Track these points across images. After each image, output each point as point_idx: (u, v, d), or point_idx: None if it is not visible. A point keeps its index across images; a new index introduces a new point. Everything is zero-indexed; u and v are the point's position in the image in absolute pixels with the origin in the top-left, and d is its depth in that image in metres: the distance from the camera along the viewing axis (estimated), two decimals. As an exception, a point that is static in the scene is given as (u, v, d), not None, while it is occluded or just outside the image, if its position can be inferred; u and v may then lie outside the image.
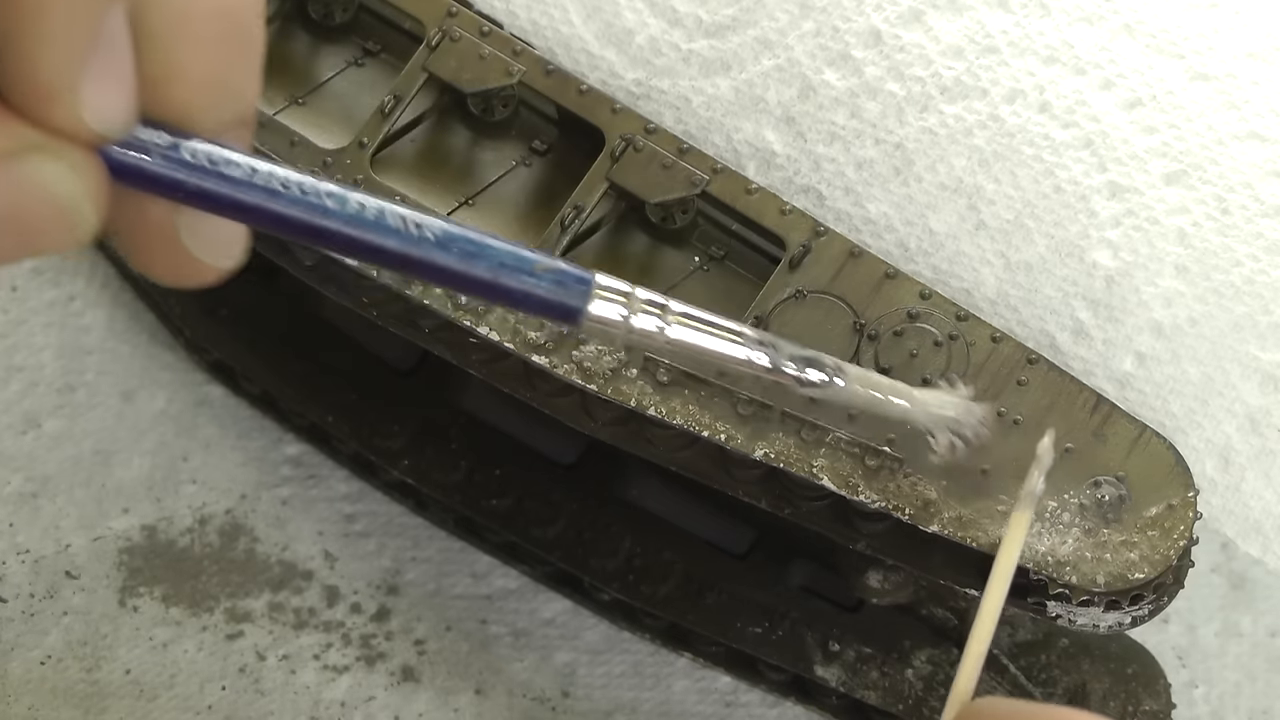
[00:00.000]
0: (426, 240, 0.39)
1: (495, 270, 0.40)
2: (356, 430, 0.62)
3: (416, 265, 0.39)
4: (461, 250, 0.39)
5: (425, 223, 0.39)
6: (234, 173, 0.38)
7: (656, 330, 0.42)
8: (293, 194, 0.38)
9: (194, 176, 0.38)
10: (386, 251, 0.39)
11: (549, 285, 0.40)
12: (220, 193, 0.38)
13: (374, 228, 0.39)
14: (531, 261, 0.40)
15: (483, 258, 0.39)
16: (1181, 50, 0.53)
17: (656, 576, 0.60)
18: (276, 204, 0.38)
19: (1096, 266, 0.52)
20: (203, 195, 0.38)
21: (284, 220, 0.38)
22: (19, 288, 0.66)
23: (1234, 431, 0.52)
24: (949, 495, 0.50)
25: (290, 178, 0.38)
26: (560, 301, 0.40)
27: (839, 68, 0.54)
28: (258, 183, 0.38)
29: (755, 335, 0.43)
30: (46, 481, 0.63)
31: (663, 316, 0.42)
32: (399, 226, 0.39)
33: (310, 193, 0.38)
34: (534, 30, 0.57)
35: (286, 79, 0.56)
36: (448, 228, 0.39)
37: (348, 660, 0.61)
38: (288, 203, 0.38)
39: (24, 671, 0.60)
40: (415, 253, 0.39)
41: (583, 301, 0.40)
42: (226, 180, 0.38)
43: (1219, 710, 0.61)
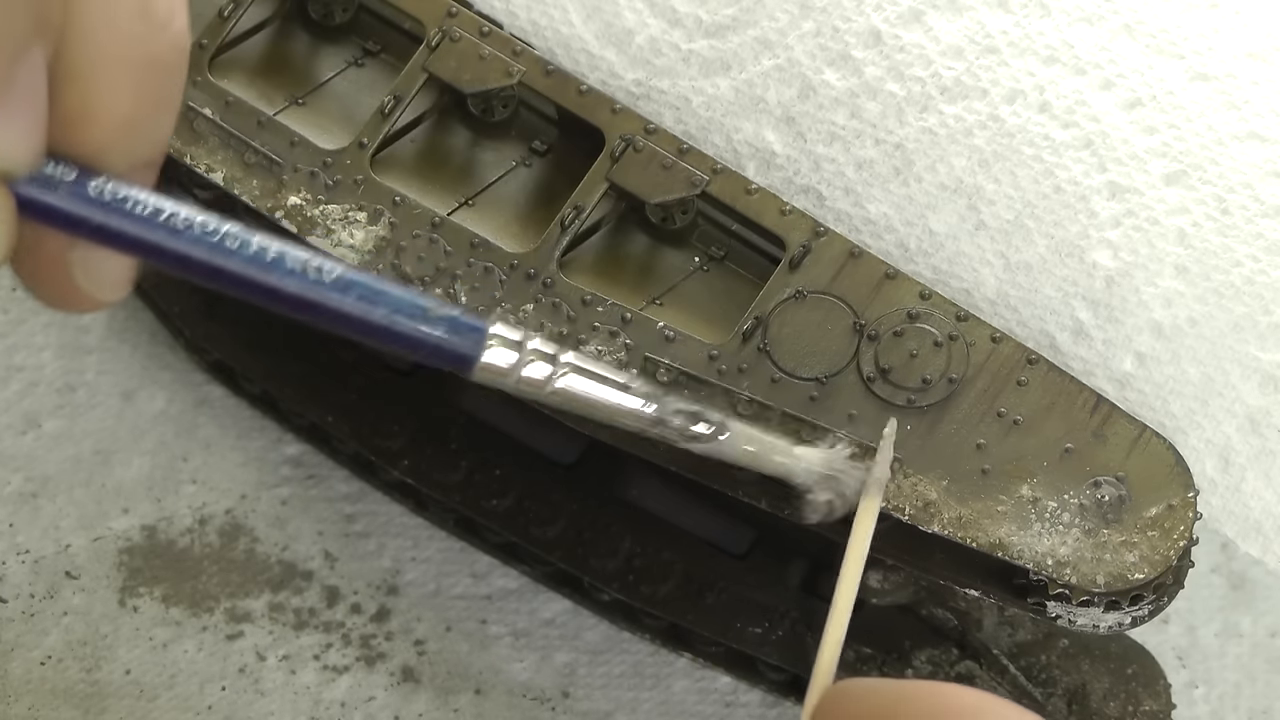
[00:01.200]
0: (324, 284, 0.40)
1: (391, 316, 0.40)
2: (356, 430, 0.62)
3: (314, 308, 0.40)
4: (359, 295, 0.40)
5: (325, 267, 0.40)
6: (139, 211, 0.38)
7: (544, 379, 0.43)
8: (194, 234, 0.39)
9: (98, 214, 0.38)
10: (285, 294, 0.40)
11: (443, 333, 0.41)
12: (123, 231, 0.39)
13: (273, 270, 0.39)
14: (425, 309, 0.41)
15: (380, 303, 0.40)
16: (1181, 50, 0.53)
17: (656, 576, 0.60)
18: (179, 243, 0.39)
19: (1096, 266, 0.52)
20: (105, 233, 0.39)
21: (186, 260, 0.39)
22: (19, 288, 0.66)
23: (1234, 431, 0.52)
24: (949, 495, 0.50)
25: (194, 218, 0.39)
26: (454, 350, 0.41)
27: (839, 68, 0.54)
28: (161, 222, 0.39)
29: (643, 388, 0.44)
30: (46, 481, 0.63)
31: (554, 365, 0.43)
32: (298, 269, 0.40)
33: (212, 233, 0.39)
34: (534, 30, 0.57)
35: (286, 79, 0.56)
36: (346, 273, 0.40)
37: (348, 660, 0.61)
38: (189, 242, 0.39)
39: (24, 671, 0.60)
40: (313, 296, 0.40)
41: (476, 350, 0.41)
42: (130, 219, 0.39)
43: (1219, 710, 0.61)
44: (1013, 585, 0.50)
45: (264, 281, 0.39)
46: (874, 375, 0.50)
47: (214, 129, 0.54)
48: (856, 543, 0.46)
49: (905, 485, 0.50)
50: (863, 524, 0.47)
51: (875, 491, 0.48)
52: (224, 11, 0.55)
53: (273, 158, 0.53)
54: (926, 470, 0.50)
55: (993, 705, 0.38)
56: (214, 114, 0.54)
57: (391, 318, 0.40)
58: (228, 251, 0.39)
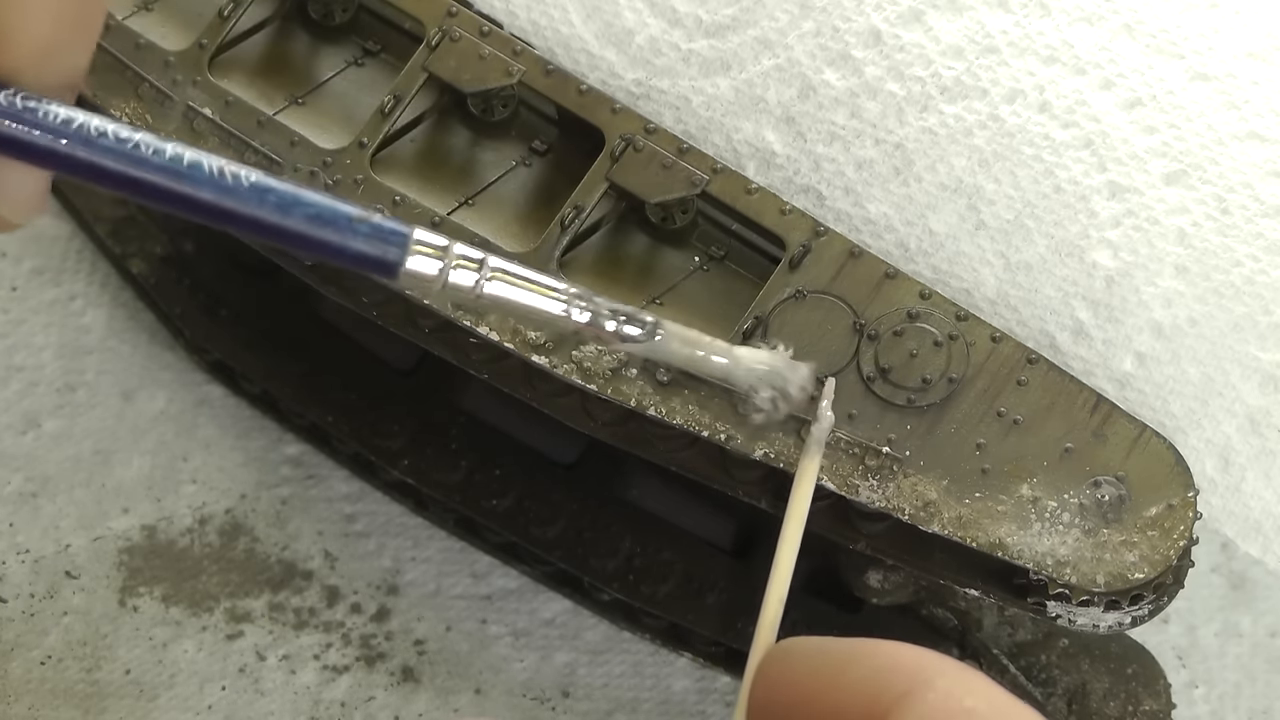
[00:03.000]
0: (241, 190, 0.39)
1: (310, 222, 0.40)
2: (356, 430, 0.62)
3: (232, 216, 0.39)
4: (277, 202, 0.39)
5: (241, 174, 0.39)
6: (50, 121, 0.38)
7: (472, 284, 0.42)
8: (108, 142, 0.38)
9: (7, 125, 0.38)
10: (201, 202, 0.39)
11: (365, 238, 0.40)
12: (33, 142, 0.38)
13: (189, 178, 0.39)
14: (347, 214, 0.40)
15: (298, 209, 0.40)
16: (1181, 50, 0.53)
17: (656, 576, 0.60)
18: (91, 153, 0.38)
19: (1096, 266, 0.52)
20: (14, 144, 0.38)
21: (99, 170, 0.39)
22: (19, 288, 0.66)
23: (1234, 431, 0.52)
24: (949, 495, 0.50)
25: (106, 127, 0.38)
26: (377, 256, 0.40)
27: (839, 68, 0.54)
28: (74, 132, 0.38)
29: (574, 291, 0.43)
30: (46, 481, 0.63)
31: (480, 272, 0.42)
32: (214, 176, 0.39)
33: (124, 141, 0.39)
34: (534, 30, 0.57)
35: (286, 79, 0.56)
36: (263, 179, 0.39)
37: (348, 660, 0.61)
38: (102, 151, 0.38)
39: (24, 671, 0.60)
40: (229, 203, 0.39)
41: (400, 256, 0.40)
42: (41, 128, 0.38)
43: (1219, 710, 0.61)
44: (1013, 585, 0.50)
45: (179, 190, 0.39)
46: (874, 375, 0.50)
47: (214, 129, 0.54)
48: (797, 501, 0.46)
49: (905, 485, 0.50)
50: (803, 482, 0.46)
51: (815, 450, 0.47)
52: (224, 11, 0.55)
53: (273, 158, 0.53)
54: (926, 470, 0.50)
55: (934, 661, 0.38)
56: (214, 114, 0.54)
57: (310, 224, 0.40)
58: (141, 160, 0.39)
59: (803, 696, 0.39)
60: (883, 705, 0.37)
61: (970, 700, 0.37)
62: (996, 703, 0.37)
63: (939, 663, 0.38)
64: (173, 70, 0.54)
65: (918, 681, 0.37)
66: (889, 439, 0.50)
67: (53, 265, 0.67)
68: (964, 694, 0.37)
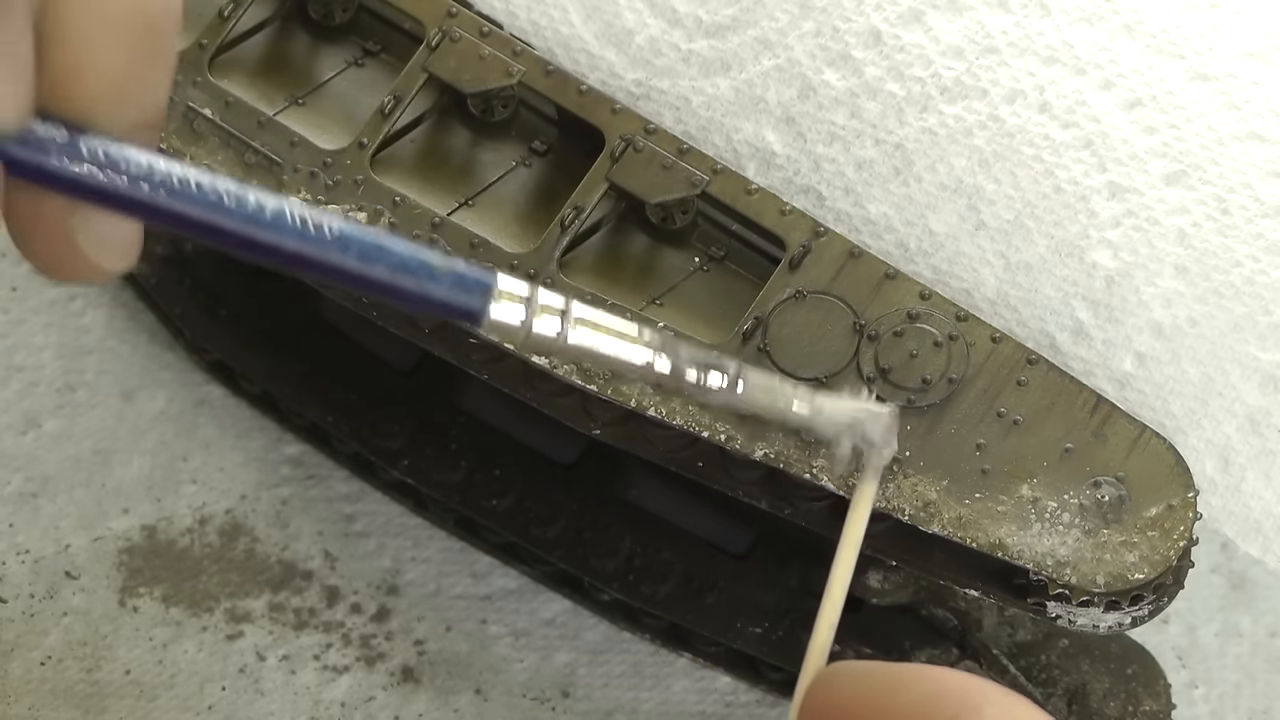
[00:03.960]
0: (325, 240, 0.39)
1: (394, 272, 0.40)
2: (356, 430, 0.62)
3: (315, 265, 0.39)
4: (360, 251, 0.39)
5: (324, 223, 0.39)
6: (132, 170, 0.38)
7: (556, 335, 0.41)
8: (191, 191, 0.38)
9: (90, 173, 0.38)
10: (285, 251, 0.39)
11: (448, 288, 0.40)
12: (117, 190, 0.38)
13: (272, 227, 0.39)
14: (430, 265, 0.40)
15: (382, 259, 0.39)
16: (1181, 50, 0.53)
17: (656, 576, 0.60)
18: (175, 202, 0.38)
19: (1096, 266, 0.52)
20: (98, 192, 0.38)
21: (183, 218, 0.38)
22: (19, 288, 0.66)
23: (1234, 431, 0.52)
24: (949, 495, 0.50)
25: (189, 175, 0.38)
26: (461, 305, 0.40)
27: (839, 68, 0.54)
28: (156, 180, 0.38)
29: (656, 339, 0.43)
30: (46, 481, 0.63)
31: (563, 320, 0.41)
32: (298, 226, 0.39)
33: (209, 190, 0.38)
34: (534, 30, 0.57)
35: (286, 79, 0.56)
36: (346, 228, 0.39)
37: (348, 660, 0.61)
38: (186, 200, 0.38)
39: (24, 672, 0.60)
40: (314, 253, 0.39)
41: (483, 304, 0.40)
42: (123, 177, 0.38)
43: (1219, 710, 0.61)
44: (1013, 585, 0.50)
45: (263, 239, 0.39)
46: (874, 375, 0.50)
47: (214, 129, 0.54)
48: (854, 523, 0.46)
49: (905, 485, 0.50)
50: (860, 505, 0.46)
51: (872, 476, 0.46)
52: (224, 11, 0.55)
53: (273, 158, 0.53)
54: (926, 470, 0.50)
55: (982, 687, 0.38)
56: (214, 114, 0.54)
57: (394, 274, 0.39)
58: (225, 209, 0.38)
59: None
60: None
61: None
62: None
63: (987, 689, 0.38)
64: (173, 70, 0.54)
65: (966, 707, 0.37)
66: (889, 439, 0.50)
67: (53, 265, 0.67)
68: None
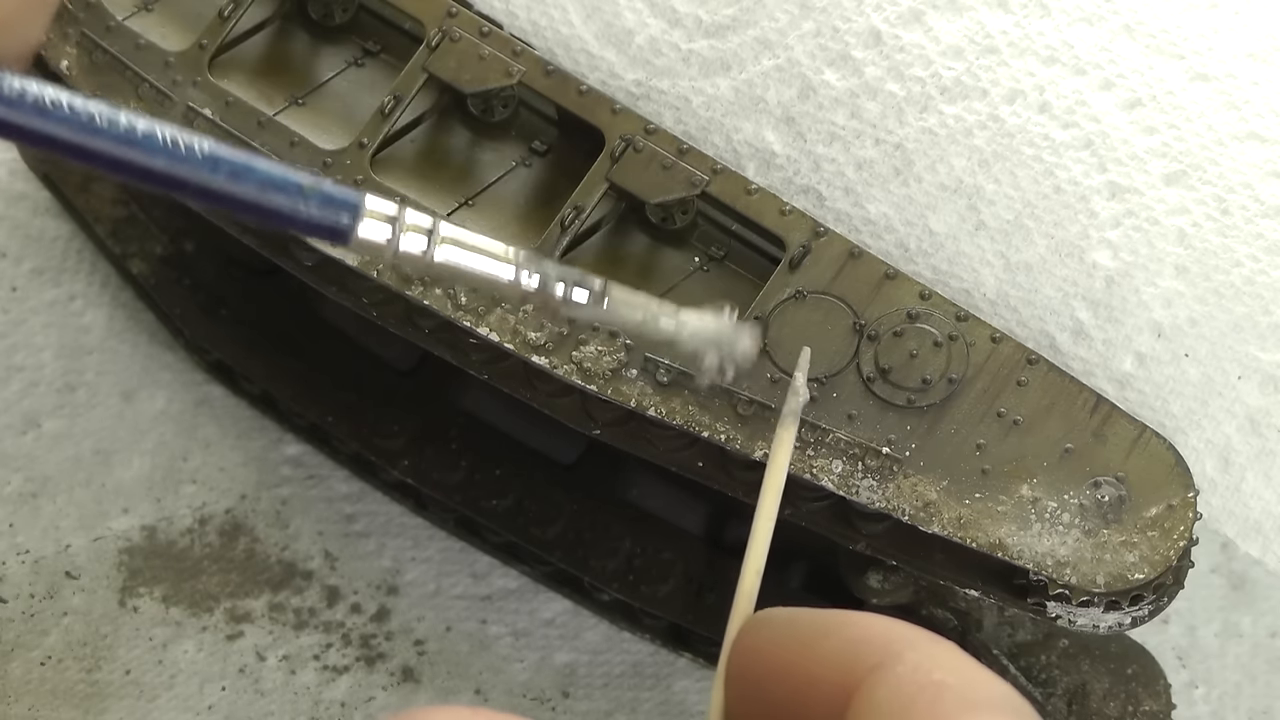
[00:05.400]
0: (195, 159, 0.40)
1: (263, 189, 0.40)
2: (356, 430, 0.62)
3: (185, 185, 0.40)
4: (230, 170, 0.40)
5: (194, 143, 0.40)
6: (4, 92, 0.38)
7: (422, 251, 0.42)
8: (62, 113, 0.39)
9: None
10: (155, 171, 0.40)
11: (317, 206, 0.41)
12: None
13: (143, 146, 0.39)
14: (298, 182, 0.40)
15: (250, 177, 0.40)
16: (1181, 50, 0.53)
17: (656, 576, 0.60)
18: (46, 123, 0.39)
19: (1096, 267, 0.52)
20: None
21: (54, 139, 0.39)
22: (19, 288, 0.66)
23: (1234, 431, 0.52)
24: (949, 495, 0.50)
25: (61, 97, 0.39)
26: (329, 222, 0.41)
27: (839, 68, 0.54)
28: (28, 101, 0.38)
29: (522, 257, 0.43)
30: (46, 481, 0.63)
31: (430, 239, 0.42)
32: (168, 145, 0.39)
33: (80, 112, 0.39)
34: (534, 30, 0.57)
35: (286, 79, 0.56)
36: (216, 148, 0.40)
37: (348, 660, 0.61)
38: (57, 121, 0.39)
39: (24, 672, 0.60)
40: (183, 171, 0.40)
41: (351, 223, 0.41)
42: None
43: (1219, 710, 0.61)
44: (1013, 585, 0.50)
45: (133, 159, 0.39)
46: (874, 375, 0.50)
47: (214, 129, 0.54)
48: (773, 473, 0.46)
49: (905, 485, 0.50)
50: (778, 453, 0.46)
51: (789, 423, 0.47)
52: (224, 11, 0.55)
53: (273, 158, 0.53)
54: (926, 471, 0.50)
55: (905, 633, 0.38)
56: (214, 114, 0.54)
57: (263, 193, 0.40)
58: (96, 129, 0.39)
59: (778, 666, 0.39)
60: (855, 676, 0.37)
61: (939, 674, 0.37)
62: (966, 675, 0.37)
63: (910, 634, 0.38)
64: (173, 70, 0.54)
65: (888, 654, 0.37)
66: (889, 439, 0.50)
67: (53, 265, 0.67)
68: (933, 667, 0.37)
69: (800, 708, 0.38)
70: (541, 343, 0.51)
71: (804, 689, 0.38)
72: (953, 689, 0.36)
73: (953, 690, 0.36)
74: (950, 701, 0.36)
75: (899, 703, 0.36)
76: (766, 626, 0.41)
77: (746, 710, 0.40)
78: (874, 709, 0.37)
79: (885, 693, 0.37)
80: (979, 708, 0.36)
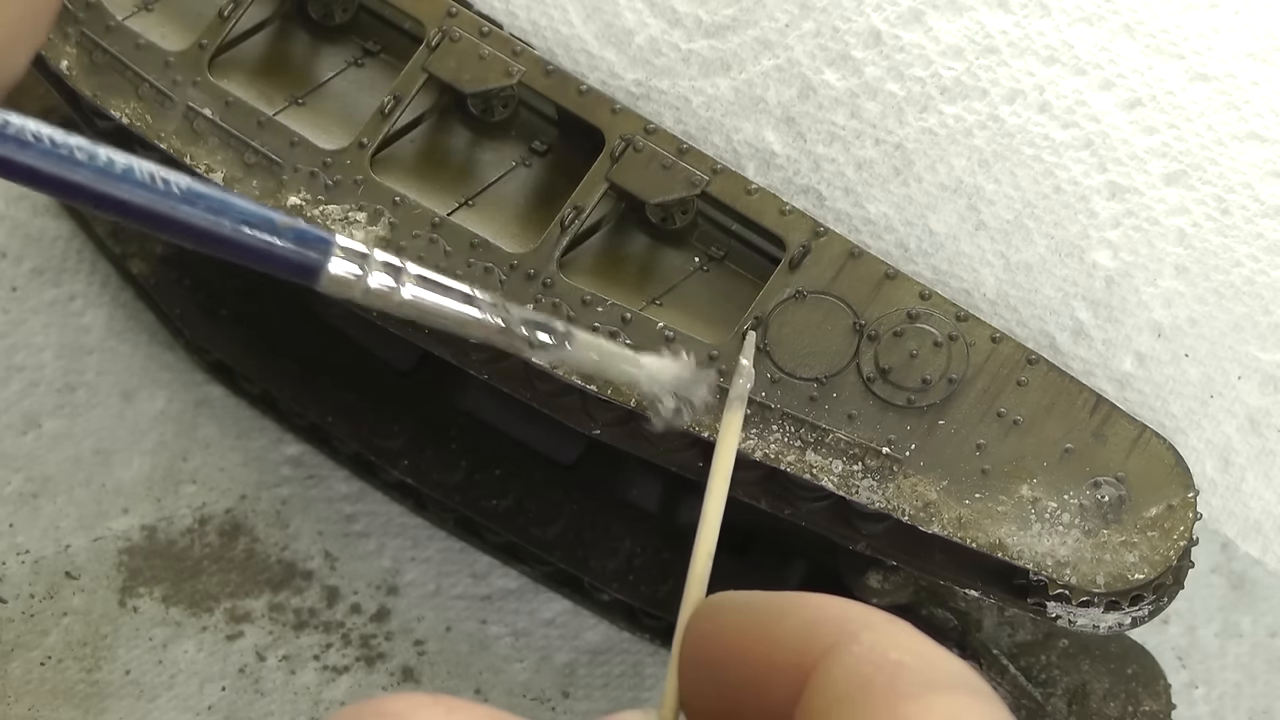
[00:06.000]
0: (173, 195, 0.40)
1: (238, 227, 0.41)
2: (356, 430, 0.62)
3: (162, 221, 0.40)
4: (207, 206, 0.41)
5: (172, 179, 0.40)
6: None
7: (390, 290, 0.43)
8: (43, 146, 0.39)
9: None
10: (133, 206, 0.40)
11: (290, 243, 0.41)
12: None
13: (122, 182, 0.40)
14: (273, 220, 0.41)
15: (227, 214, 0.41)
16: (1181, 50, 0.53)
17: (656, 576, 0.60)
18: (26, 156, 0.39)
19: (1096, 267, 0.52)
20: None
21: (34, 173, 0.39)
22: (19, 288, 0.66)
23: (1234, 431, 0.52)
24: (949, 495, 0.50)
25: (41, 131, 0.39)
26: (300, 260, 0.42)
27: (839, 68, 0.54)
28: (9, 134, 0.39)
29: (490, 299, 0.44)
30: (46, 481, 0.63)
31: (398, 277, 0.43)
32: (146, 181, 0.40)
33: (60, 146, 0.39)
34: (534, 30, 0.57)
35: (286, 79, 0.56)
36: (194, 185, 0.40)
37: (348, 660, 0.61)
38: (37, 155, 0.39)
39: (24, 672, 0.60)
40: (161, 208, 0.40)
41: (322, 260, 0.42)
42: None
43: (1219, 711, 0.61)
44: (1013, 585, 0.50)
45: (112, 194, 0.40)
46: (874, 375, 0.50)
47: (214, 129, 0.54)
48: (722, 455, 0.46)
49: (905, 485, 0.50)
50: (726, 438, 0.47)
51: (737, 406, 0.47)
52: (224, 11, 0.55)
53: (273, 158, 0.53)
54: (926, 471, 0.50)
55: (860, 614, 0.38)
56: (214, 114, 0.54)
57: (238, 229, 0.41)
58: (75, 164, 0.40)
59: (732, 650, 0.39)
60: (810, 657, 0.37)
61: (896, 653, 0.37)
62: (923, 654, 0.37)
63: (865, 615, 0.38)
64: (173, 70, 0.54)
65: (844, 634, 0.37)
66: (889, 439, 0.50)
67: (53, 265, 0.67)
68: (890, 646, 0.37)
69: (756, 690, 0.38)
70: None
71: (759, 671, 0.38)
72: (910, 668, 0.36)
73: (910, 669, 0.36)
74: (908, 680, 0.36)
75: (856, 682, 0.36)
76: (720, 610, 0.41)
77: (701, 695, 0.40)
78: (831, 688, 0.36)
79: (842, 672, 0.37)
80: (937, 686, 0.36)
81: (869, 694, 0.36)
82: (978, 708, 0.36)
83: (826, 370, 0.51)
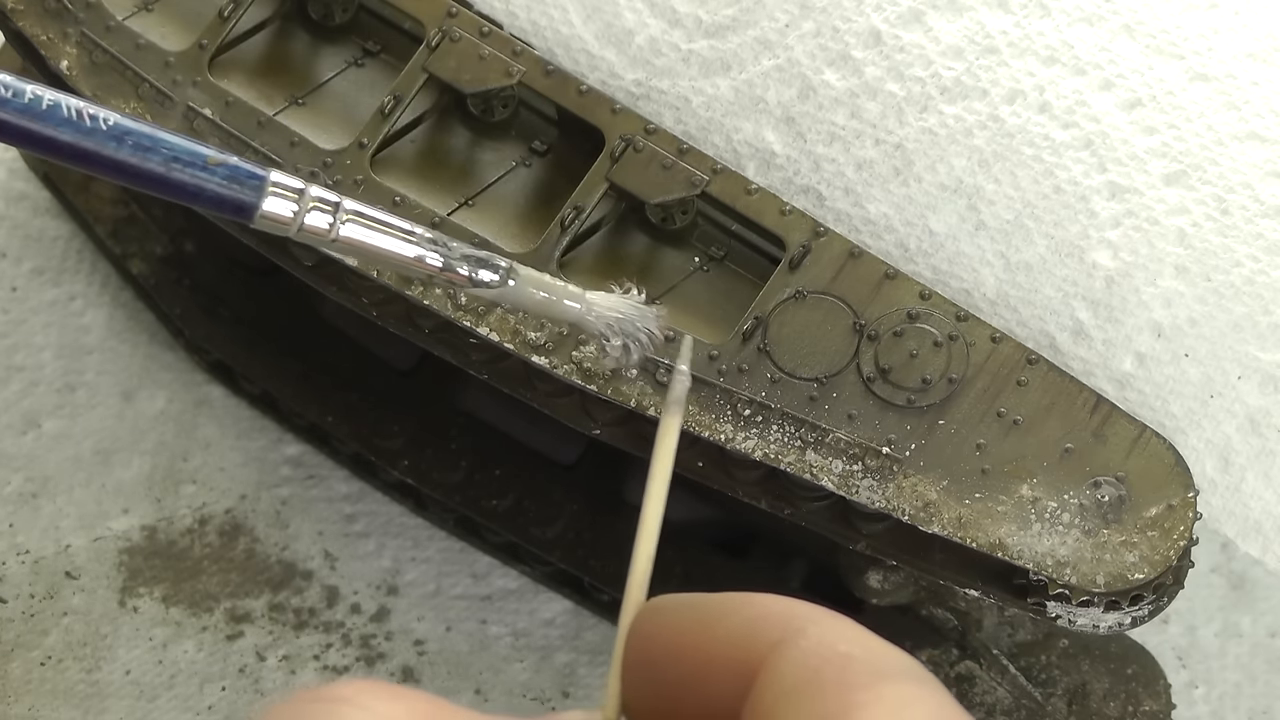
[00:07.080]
0: (100, 132, 0.40)
1: (168, 164, 0.40)
2: (356, 430, 0.62)
3: (90, 158, 0.40)
4: (135, 143, 0.40)
5: (100, 115, 0.40)
6: None
7: (328, 227, 0.42)
8: None
9: None
10: (60, 144, 0.40)
11: (222, 180, 0.41)
12: None
13: (48, 119, 0.39)
14: (204, 156, 0.41)
15: (156, 151, 0.40)
16: (1181, 50, 0.53)
17: (656, 577, 0.60)
18: None
19: (1096, 267, 0.52)
20: None
21: None
22: (19, 288, 0.66)
23: (1234, 431, 0.52)
24: (949, 495, 0.50)
25: None
26: (234, 197, 0.41)
27: (839, 68, 0.54)
28: None
29: (429, 235, 0.43)
30: (46, 481, 0.63)
31: (335, 214, 0.42)
32: (73, 118, 0.39)
33: None
34: (534, 30, 0.57)
35: (286, 79, 0.56)
36: (122, 121, 0.40)
37: (348, 660, 0.61)
38: None
39: (24, 672, 0.60)
40: (88, 145, 0.40)
41: (256, 199, 0.41)
42: None
43: (1219, 710, 0.61)
44: (1013, 585, 0.50)
45: (39, 131, 0.39)
46: (874, 375, 0.50)
47: (214, 129, 0.54)
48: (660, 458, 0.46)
49: (905, 485, 0.50)
50: (663, 440, 0.46)
51: (675, 410, 0.47)
52: (224, 11, 0.55)
53: (273, 158, 0.53)
54: (926, 470, 0.50)
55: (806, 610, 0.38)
56: (214, 114, 0.54)
57: (169, 166, 0.40)
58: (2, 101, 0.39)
59: (676, 650, 0.39)
60: (757, 654, 0.37)
61: (844, 645, 0.37)
62: (871, 646, 0.37)
63: (810, 611, 0.38)
64: (173, 70, 0.54)
65: (790, 630, 0.37)
66: (889, 439, 0.50)
67: (53, 265, 0.67)
68: (837, 640, 0.37)
69: (702, 690, 0.38)
70: (541, 343, 0.51)
71: (705, 670, 0.38)
72: (859, 659, 0.36)
73: (859, 660, 0.36)
74: (857, 671, 0.36)
75: (805, 674, 0.36)
76: (662, 612, 0.41)
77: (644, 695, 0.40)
78: (780, 681, 0.37)
79: (790, 666, 0.37)
80: (886, 675, 0.36)
81: (819, 685, 0.36)
82: (925, 696, 0.36)
83: (826, 370, 0.51)
